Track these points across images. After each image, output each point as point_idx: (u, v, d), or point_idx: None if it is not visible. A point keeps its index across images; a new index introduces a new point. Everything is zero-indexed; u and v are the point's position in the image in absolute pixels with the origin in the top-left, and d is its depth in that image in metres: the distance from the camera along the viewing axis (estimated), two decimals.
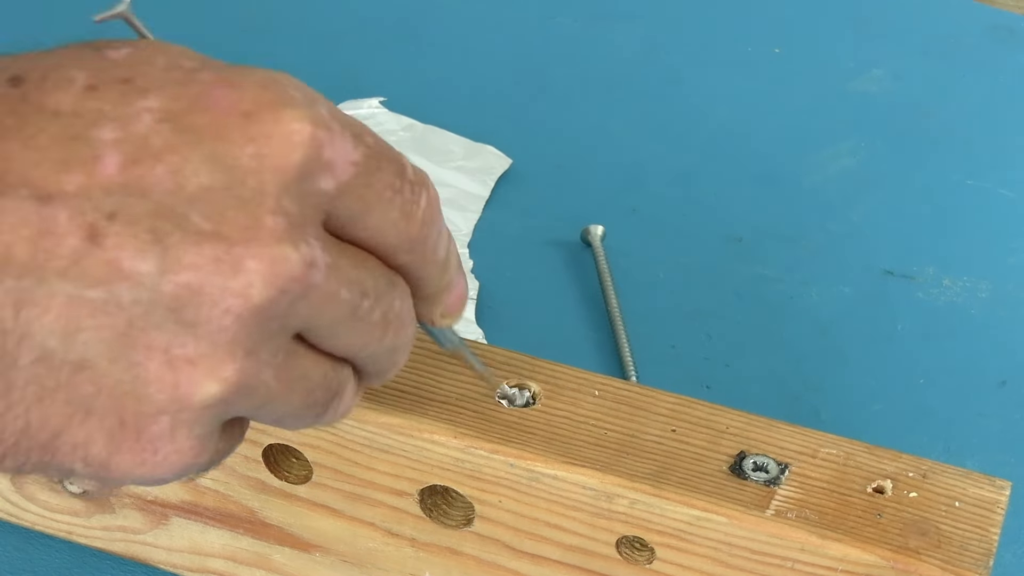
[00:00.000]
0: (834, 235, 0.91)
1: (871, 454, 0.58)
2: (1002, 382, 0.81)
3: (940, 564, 0.54)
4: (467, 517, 0.60)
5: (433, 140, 0.95)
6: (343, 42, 1.05)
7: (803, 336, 0.84)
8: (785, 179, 0.93)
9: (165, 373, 0.42)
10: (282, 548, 0.64)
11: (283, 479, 0.62)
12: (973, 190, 0.94)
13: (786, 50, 1.05)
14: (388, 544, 0.62)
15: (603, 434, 0.58)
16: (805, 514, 0.55)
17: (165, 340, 0.42)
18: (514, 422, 0.58)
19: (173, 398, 0.42)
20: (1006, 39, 1.06)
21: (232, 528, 0.64)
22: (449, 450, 0.58)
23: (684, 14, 1.08)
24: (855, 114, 1.00)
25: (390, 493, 0.60)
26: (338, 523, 0.62)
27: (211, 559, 0.66)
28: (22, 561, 0.69)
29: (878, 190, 0.94)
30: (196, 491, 0.64)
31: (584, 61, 1.04)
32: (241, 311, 0.42)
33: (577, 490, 0.57)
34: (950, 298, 0.86)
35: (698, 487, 0.56)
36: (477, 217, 0.89)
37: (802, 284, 0.87)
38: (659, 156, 0.96)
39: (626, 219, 0.90)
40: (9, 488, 0.67)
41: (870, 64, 1.04)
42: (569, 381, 0.60)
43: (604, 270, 0.86)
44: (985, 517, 0.56)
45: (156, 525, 0.66)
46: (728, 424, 0.59)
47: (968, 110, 1.00)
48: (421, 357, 0.60)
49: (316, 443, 0.60)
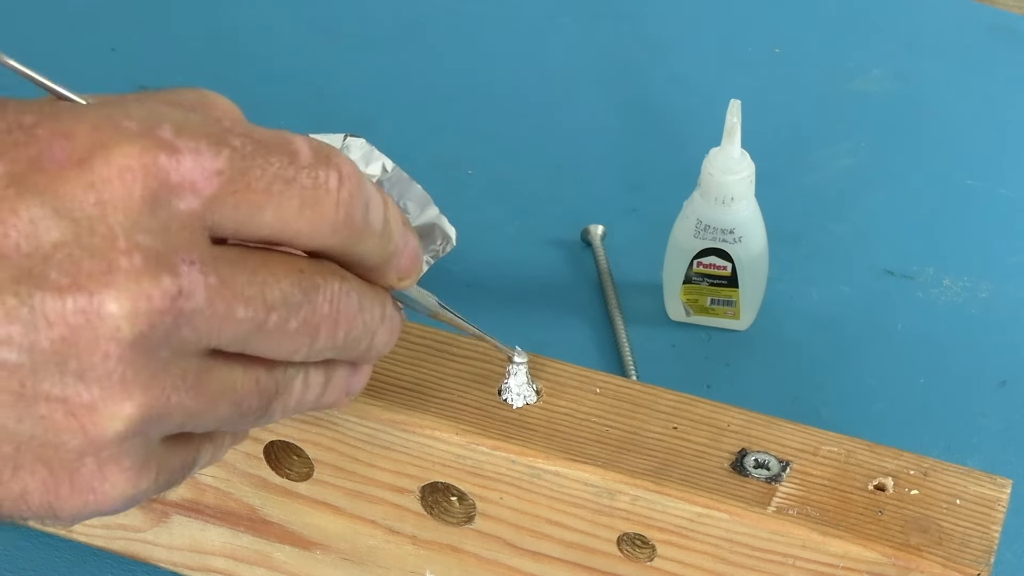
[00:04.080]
0: (834, 235, 0.91)
1: (872, 452, 0.58)
2: (1002, 382, 0.81)
3: (941, 561, 0.54)
4: (468, 514, 0.60)
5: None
6: (343, 41, 1.05)
7: (803, 336, 0.84)
8: (785, 179, 0.93)
9: (70, 421, 0.43)
10: (283, 546, 0.64)
11: (284, 476, 0.62)
12: (973, 190, 0.94)
13: (786, 50, 1.05)
14: (389, 541, 0.62)
15: (605, 431, 0.58)
16: (806, 511, 0.55)
17: (60, 391, 0.43)
18: (515, 419, 0.58)
19: (87, 440, 0.44)
20: (1006, 39, 1.06)
21: (233, 526, 0.64)
22: (451, 446, 0.58)
23: (684, 14, 1.08)
24: (855, 114, 1.00)
25: (391, 490, 0.60)
26: (339, 520, 0.62)
27: (211, 557, 0.66)
28: (22, 560, 0.69)
29: (878, 190, 0.94)
30: (197, 489, 0.64)
31: (584, 61, 1.04)
32: (119, 352, 0.43)
33: (579, 487, 0.57)
34: (950, 298, 0.86)
35: (699, 484, 0.56)
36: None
37: (802, 284, 0.87)
38: (659, 156, 0.96)
39: (626, 219, 0.90)
40: None
41: (870, 64, 1.04)
42: (571, 378, 0.60)
43: (604, 270, 0.86)
44: (986, 515, 0.56)
45: (156, 523, 0.66)
46: (729, 421, 0.59)
47: (968, 110, 1.00)
48: (421, 353, 0.60)
49: (317, 440, 0.60)
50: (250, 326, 0.45)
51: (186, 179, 0.43)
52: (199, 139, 0.44)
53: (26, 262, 0.42)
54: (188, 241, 0.43)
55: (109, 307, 0.42)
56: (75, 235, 0.42)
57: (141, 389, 0.43)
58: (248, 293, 0.45)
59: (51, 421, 0.43)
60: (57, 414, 0.43)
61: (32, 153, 0.43)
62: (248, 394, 0.47)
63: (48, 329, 0.42)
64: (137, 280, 0.42)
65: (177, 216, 0.43)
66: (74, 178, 0.42)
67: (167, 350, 0.44)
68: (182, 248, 0.43)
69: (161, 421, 0.44)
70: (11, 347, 0.42)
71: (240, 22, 1.06)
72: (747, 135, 0.78)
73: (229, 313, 0.44)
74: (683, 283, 0.82)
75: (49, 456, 0.44)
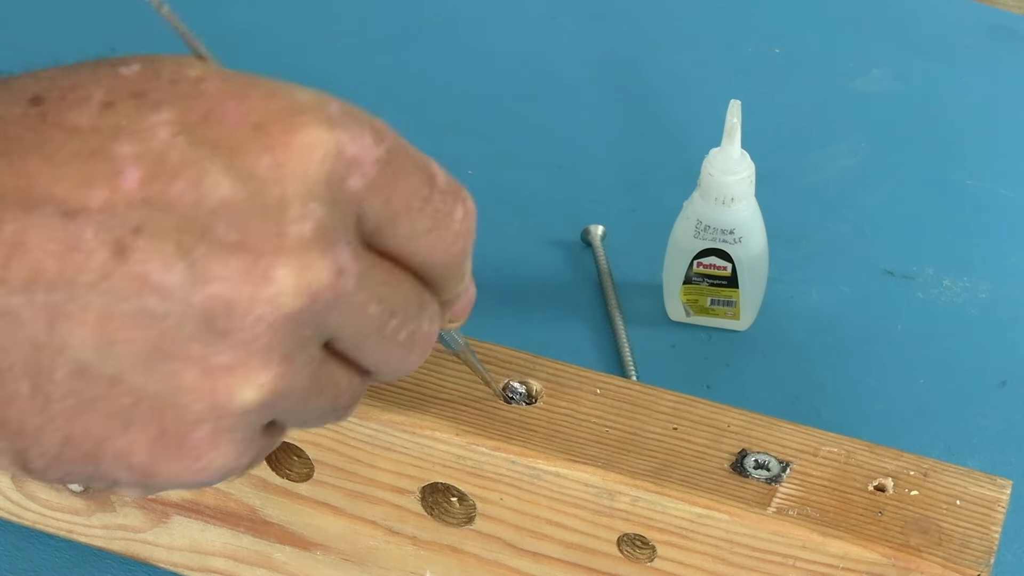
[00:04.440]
0: (834, 235, 0.91)
1: (872, 452, 0.58)
2: (1002, 382, 0.81)
3: (941, 561, 0.54)
4: (468, 515, 0.60)
5: None
6: (343, 41, 1.05)
7: (803, 336, 0.84)
8: (785, 179, 0.93)
9: (202, 382, 0.42)
10: (283, 546, 0.64)
11: (284, 477, 0.62)
12: (973, 190, 0.94)
13: (786, 50, 1.05)
14: (389, 542, 0.62)
15: (605, 432, 0.58)
16: (806, 512, 0.55)
17: (199, 350, 0.42)
18: (516, 419, 0.58)
19: (212, 406, 0.42)
20: (1006, 39, 1.06)
21: (233, 526, 0.64)
22: (451, 447, 0.58)
23: (684, 14, 1.08)
24: (855, 114, 1.00)
25: (391, 491, 0.60)
26: (339, 521, 0.62)
27: (212, 558, 0.66)
28: (23, 560, 0.69)
29: (878, 190, 0.94)
30: (196, 489, 0.64)
31: (584, 61, 1.04)
32: (273, 319, 0.42)
33: (579, 487, 0.57)
34: (950, 298, 0.86)
35: (699, 485, 0.56)
36: None
37: (802, 284, 0.87)
38: (659, 156, 0.96)
39: (626, 219, 0.90)
40: (10, 487, 0.67)
41: (870, 64, 1.04)
42: (571, 379, 0.60)
43: (604, 270, 0.86)
44: (986, 515, 0.56)
45: (157, 524, 0.66)
46: (729, 422, 0.59)
47: (968, 110, 1.00)
48: None
49: (318, 441, 0.60)
50: (375, 325, 0.45)
51: (356, 159, 0.43)
52: (364, 126, 0.44)
53: (191, 213, 0.41)
54: (348, 223, 0.43)
55: (276, 272, 0.41)
56: (246, 194, 0.41)
57: (279, 361, 0.42)
58: (380, 293, 0.44)
59: (180, 379, 0.42)
60: (189, 373, 0.42)
61: (203, 107, 0.42)
62: (343, 393, 0.46)
63: (204, 284, 0.41)
64: (306, 251, 0.42)
65: (345, 194, 0.43)
66: (251, 139, 0.42)
67: (311, 329, 0.43)
68: (343, 228, 0.43)
69: (283, 400, 0.43)
70: (161, 297, 0.41)
71: (240, 22, 1.06)
72: (747, 135, 0.78)
73: (364, 307, 0.44)
74: (683, 283, 0.82)
75: (166, 416, 0.42)
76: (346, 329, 0.44)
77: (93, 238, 0.41)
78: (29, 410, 0.42)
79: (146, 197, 0.41)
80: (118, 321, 0.41)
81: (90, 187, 0.41)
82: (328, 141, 0.43)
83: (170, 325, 0.41)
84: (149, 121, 0.42)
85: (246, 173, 0.42)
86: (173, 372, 0.42)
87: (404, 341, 0.46)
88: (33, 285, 0.41)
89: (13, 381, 0.41)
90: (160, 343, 0.41)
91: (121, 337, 0.41)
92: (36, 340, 0.41)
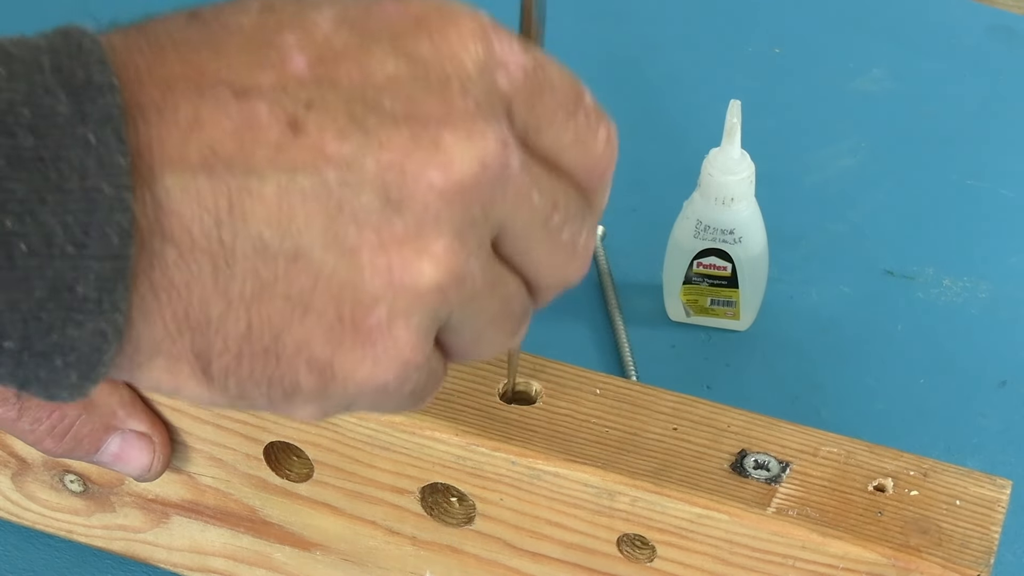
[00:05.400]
0: (834, 235, 0.90)
1: (872, 453, 0.58)
2: (1002, 382, 0.81)
3: (941, 562, 0.54)
4: (468, 515, 0.60)
5: None
6: None
7: (803, 336, 0.84)
8: (785, 179, 0.93)
9: (378, 256, 0.42)
10: (283, 547, 0.64)
11: (284, 477, 0.62)
12: (973, 190, 0.94)
13: (786, 50, 1.05)
14: (389, 542, 0.62)
15: (604, 432, 0.58)
16: (806, 512, 0.55)
17: (375, 221, 0.42)
18: (515, 420, 0.58)
19: (388, 283, 0.42)
20: (1006, 39, 1.06)
21: (233, 527, 0.64)
22: (451, 447, 0.58)
23: (684, 14, 1.08)
24: (855, 114, 1.00)
25: (391, 491, 0.60)
26: (339, 521, 0.62)
27: (211, 558, 0.66)
28: (22, 560, 0.69)
29: (878, 190, 0.94)
30: (197, 489, 0.64)
31: (584, 61, 1.04)
32: (444, 186, 0.42)
33: (578, 488, 0.57)
34: (950, 298, 0.86)
35: (699, 485, 0.56)
36: None
37: (802, 284, 0.87)
38: (659, 156, 0.96)
39: (626, 219, 0.90)
40: (10, 487, 0.67)
41: (870, 64, 1.04)
42: (571, 379, 0.60)
43: (604, 270, 0.86)
44: (986, 515, 0.56)
45: (156, 524, 0.66)
46: (729, 422, 0.59)
47: (968, 110, 1.00)
48: None
49: (317, 441, 0.60)
50: (540, 217, 0.44)
51: (504, 60, 0.44)
52: (513, 37, 0.44)
53: (359, 89, 0.42)
54: (500, 110, 0.44)
55: (446, 138, 0.42)
56: (411, 72, 0.42)
57: (452, 235, 0.42)
58: (541, 183, 0.44)
59: (357, 254, 0.42)
60: (365, 246, 0.42)
61: (363, 5, 0.43)
62: (513, 299, 0.46)
63: (379, 152, 0.41)
64: (473, 120, 0.42)
65: (496, 87, 0.43)
66: (412, 27, 0.43)
67: (479, 208, 0.43)
68: (501, 114, 0.43)
69: (457, 287, 0.43)
70: (337, 167, 0.41)
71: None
72: (747, 135, 0.78)
73: (528, 193, 0.44)
74: (683, 283, 0.82)
75: (343, 298, 0.42)
76: (512, 219, 0.44)
77: (267, 114, 0.41)
78: (211, 293, 0.42)
79: (315, 76, 0.42)
80: (296, 195, 0.41)
81: (259, 69, 0.42)
82: (482, 37, 0.43)
83: (347, 196, 0.41)
84: (311, 18, 0.43)
85: (409, 53, 0.42)
86: (350, 247, 0.42)
87: (567, 242, 0.46)
88: (212, 163, 0.41)
89: (195, 260, 0.41)
90: (337, 216, 0.42)
91: (299, 211, 0.41)
92: (217, 217, 0.41)
